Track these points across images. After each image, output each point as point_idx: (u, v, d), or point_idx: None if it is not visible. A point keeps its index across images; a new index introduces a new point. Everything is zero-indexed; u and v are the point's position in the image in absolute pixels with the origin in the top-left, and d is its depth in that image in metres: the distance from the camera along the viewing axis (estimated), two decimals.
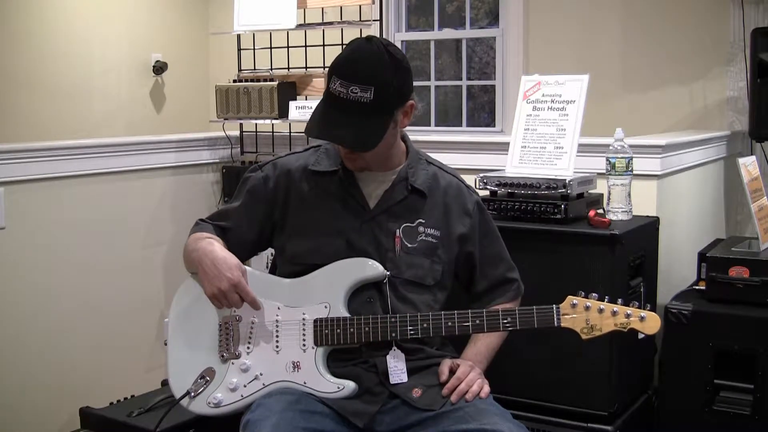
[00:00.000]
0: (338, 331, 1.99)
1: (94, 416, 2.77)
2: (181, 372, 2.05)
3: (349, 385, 1.95)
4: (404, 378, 2.00)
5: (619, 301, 1.92)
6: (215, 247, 2.04)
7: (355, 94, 1.91)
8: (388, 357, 2.00)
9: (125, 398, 2.89)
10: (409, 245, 2.07)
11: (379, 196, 2.09)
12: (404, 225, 2.08)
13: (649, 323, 1.90)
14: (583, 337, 1.93)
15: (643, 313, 1.90)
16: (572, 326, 1.92)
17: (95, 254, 3.23)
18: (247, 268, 2.15)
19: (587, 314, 1.91)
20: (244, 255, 2.18)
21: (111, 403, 2.85)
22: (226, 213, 2.19)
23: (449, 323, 1.97)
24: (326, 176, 2.10)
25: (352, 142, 1.97)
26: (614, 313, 1.90)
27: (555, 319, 1.93)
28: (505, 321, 1.95)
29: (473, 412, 1.95)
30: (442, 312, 2.00)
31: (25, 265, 2.98)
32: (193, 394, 2.02)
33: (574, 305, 1.92)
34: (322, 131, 1.98)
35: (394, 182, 2.10)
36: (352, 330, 1.98)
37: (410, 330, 1.97)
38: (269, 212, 2.13)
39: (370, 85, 1.91)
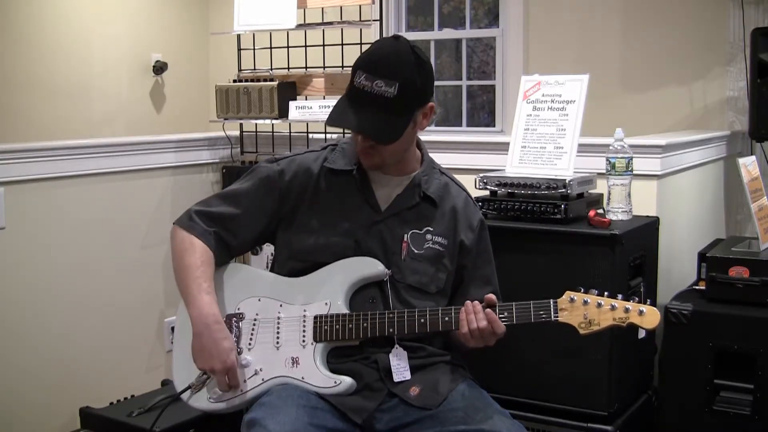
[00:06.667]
0: (337, 327, 1.99)
1: (94, 416, 2.77)
2: (186, 368, 2.06)
3: (346, 381, 1.96)
4: (407, 375, 2.01)
5: (619, 296, 1.91)
6: (213, 310, 2.00)
7: (380, 88, 1.93)
8: (390, 355, 2.01)
9: (125, 398, 2.90)
10: (415, 251, 2.08)
11: (390, 200, 2.10)
12: (412, 231, 2.09)
13: (648, 318, 1.88)
14: (581, 332, 1.91)
15: (642, 307, 1.88)
16: (570, 321, 1.91)
17: (95, 254, 3.23)
18: (249, 267, 2.18)
19: (585, 309, 1.90)
20: (247, 245, 2.18)
21: (111, 403, 2.86)
22: (235, 197, 2.14)
23: (446, 318, 1.97)
24: (341, 175, 2.11)
25: (372, 131, 1.97)
26: (613, 308, 1.89)
27: (552, 313, 1.92)
28: (502, 316, 1.95)
29: (472, 411, 1.95)
30: (439, 308, 2.00)
31: (25, 265, 2.98)
32: (194, 388, 2.03)
33: (572, 300, 1.91)
34: (343, 120, 1.99)
35: (407, 187, 2.12)
36: (350, 326, 1.99)
37: (408, 326, 1.97)
38: (280, 205, 2.11)
39: (395, 81, 1.94)
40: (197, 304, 2.01)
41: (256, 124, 3.65)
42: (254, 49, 3.70)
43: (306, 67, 3.60)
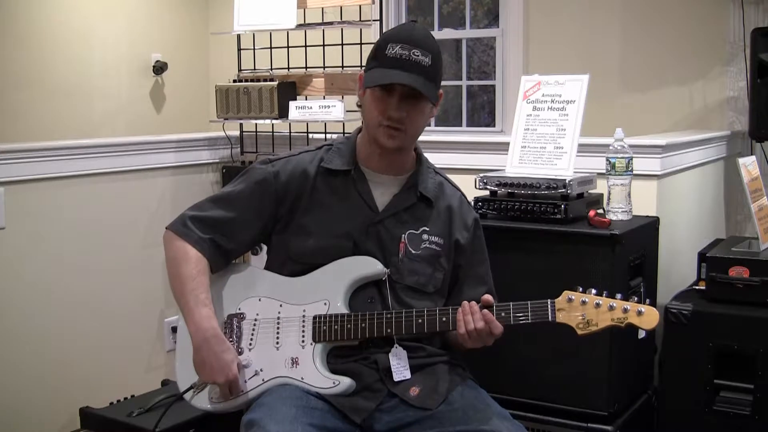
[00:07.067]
0: (336, 327, 2.00)
1: (94, 416, 2.77)
2: (188, 368, 2.05)
3: (345, 381, 1.96)
4: (407, 375, 2.01)
5: (618, 296, 1.90)
6: (211, 324, 2.00)
7: (417, 57, 1.97)
8: (390, 355, 2.01)
9: (125, 398, 2.90)
10: (413, 252, 2.08)
11: (388, 200, 2.10)
12: (409, 231, 2.09)
13: (647, 318, 1.87)
14: (579, 332, 1.90)
15: (641, 307, 1.87)
16: (567, 321, 1.91)
17: (95, 254, 3.23)
18: (250, 267, 2.18)
19: (583, 309, 1.89)
20: (244, 247, 2.17)
21: (111, 403, 2.86)
22: (229, 200, 2.12)
23: (443, 318, 1.97)
24: (339, 175, 2.10)
25: (422, 86, 1.97)
26: (611, 308, 1.88)
27: (550, 313, 1.92)
28: (499, 316, 1.95)
29: (472, 411, 1.96)
30: (437, 308, 2.00)
31: (25, 265, 2.98)
32: (197, 388, 2.03)
33: (570, 300, 1.91)
34: (392, 77, 1.97)
35: (404, 188, 2.12)
36: (349, 326, 1.99)
37: (405, 326, 1.97)
38: (276, 207, 2.10)
39: (429, 52, 1.98)
40: (195, 318, 2.01)
41: (256, 124, 3.65)
42: (254, 49, 3.70)
43: (306, 67, 3.60)
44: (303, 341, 2.01)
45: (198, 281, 2.04)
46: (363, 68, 2.09)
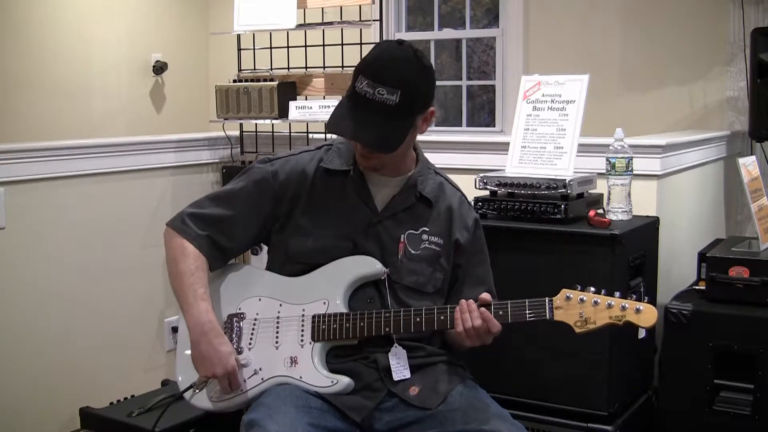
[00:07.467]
0: (335, 326, 2.00)
1: (94, 416, 2.78)
2: (189, 367, 2.06)
3: (343, 380, 1.96)
4: (407, 374, 2.01)
5: (617, 294, 1.90)
6: (209, 317, 2.00)
7: (382, 96, 1.91)
8: (390, 354, 2.01)
9: (125, 398, 2.90)
10: (412, 252, 2.08)
11: (387, 201, 2.10)
12: (408, 231, 2.09)
13: (645, 316, 1.86)
14: (577, 330, 1.90)
15: (639, 305, 1.87)
16: (565, 320, 1.90)
17: (95, 254, 3.23)
18: (250, 267, 2.18)
19: (581, 307, 1.89)
20: (242, 246, 2.18)
21: (111, 403, 2.86)
22: (228, 198, 2.12)
23: (442, 317, 1.97)
24: (338, 175, 2.10)
25: (373, 142, 1.96)
26: (609, 306, 1.87)
27: (547, 312, 1.92)
28: (497, 314, 1.94)
29: (472, 411, 1.96)
30: (435, 306, 2.00)
31: (25, 265, 2.98)
32: (196, 388, 2.03)
33: (568, 298, 1.91)
34: (342, 127, 1.96)
35: (403, 188, 2.11)
36: (348, 325, 1.99)
37: (404, 324, 1.98)
38: (274, 207, 2.10)
39: (397, 88, 1.91)
40: (193, 312, 2.01)
41: (256, 124, 3.66)
42: (254, 49, 3.70)
43: (306, 67, 3.60)
44: (302, 340, 2.02)
45: (196, 276, 2.04)
46: None
